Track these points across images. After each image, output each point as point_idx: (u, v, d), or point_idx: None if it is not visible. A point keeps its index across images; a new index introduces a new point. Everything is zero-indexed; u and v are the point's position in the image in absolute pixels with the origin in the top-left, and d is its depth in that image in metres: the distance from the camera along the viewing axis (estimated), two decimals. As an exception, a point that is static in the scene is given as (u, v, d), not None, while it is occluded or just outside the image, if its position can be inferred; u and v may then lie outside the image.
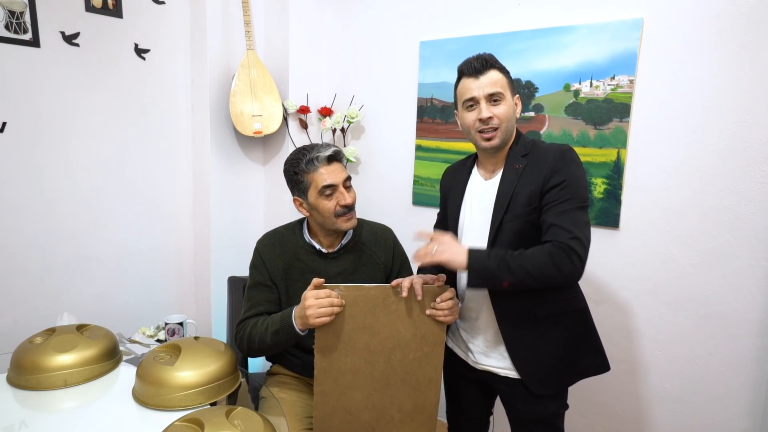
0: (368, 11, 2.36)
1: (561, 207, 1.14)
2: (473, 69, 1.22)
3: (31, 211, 1.98)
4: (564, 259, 1.08)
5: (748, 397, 1.61)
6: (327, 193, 1.36)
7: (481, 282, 1.13)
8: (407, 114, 2.27)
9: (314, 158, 1.36)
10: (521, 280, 1.10)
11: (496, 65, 1.23)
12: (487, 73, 1.20)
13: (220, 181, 2.40)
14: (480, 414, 1.47)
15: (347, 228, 1.40)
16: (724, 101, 1.56)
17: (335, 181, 1.36)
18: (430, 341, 1.24)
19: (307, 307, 1.17)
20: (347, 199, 1.37)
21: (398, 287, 1.20)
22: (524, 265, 1.09)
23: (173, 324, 1.74)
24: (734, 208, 1.57)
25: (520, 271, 1.09)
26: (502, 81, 1.22)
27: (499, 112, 1.20)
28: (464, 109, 1.25)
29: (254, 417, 1.07)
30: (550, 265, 1.09)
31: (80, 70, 2.05)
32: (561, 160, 1.18)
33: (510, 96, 1.23)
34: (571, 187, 1.15)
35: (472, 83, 1.21)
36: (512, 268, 1.09)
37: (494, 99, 1.20)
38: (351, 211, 1.38)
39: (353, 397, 1.25)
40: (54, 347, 1.29)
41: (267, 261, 1.43)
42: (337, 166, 1.38)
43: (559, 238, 1.10)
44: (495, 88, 1.20)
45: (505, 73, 1.24)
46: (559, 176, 1.16)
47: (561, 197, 1.15)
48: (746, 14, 1.51)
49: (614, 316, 1.81)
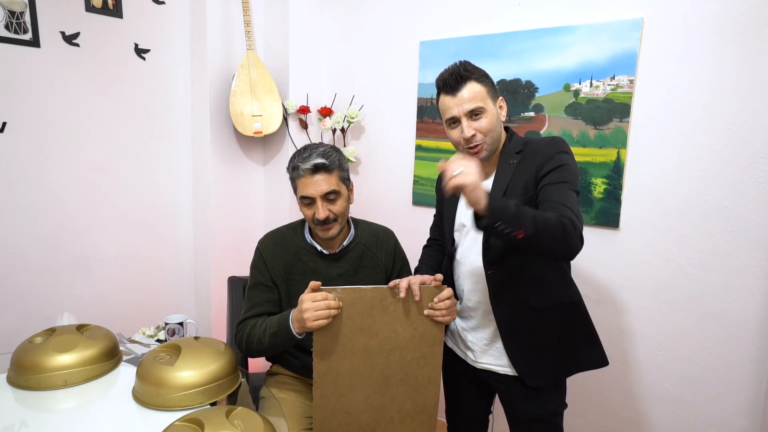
0: (368, 11, 2.36)
1: (558, 187, 1.14)
2: (449, 86, 1.20)
3: (31, 211, 1.98)
4: (571, 230, 1.05)
5: (747, 397, 1.61)
6: (305, 203, 1.37)
7: (497, 223, 1.01)
8: (407, 114, 2.27)
9: (297, 166, 1.35)
10: (535, 233, 1.01)
11: (473, 75, 1.20)
12: (463, 88, 1.18)
13: (220, 181, 2.40)
14: (478, 413, 1.48)
15: (325, 237, 1.39)
16: (724, 101, 1.56)
17: (312, 195, 1.34)
18: (428, 341, 1.24)
19: (304, 310, 1.17)
20: (320, 213, 1.34)
21: (396, 288, 1.20)
22: (539, 219, 1.03)
23: (173, 324, 1.74)
24: (734, 208, 1.57)
25: (535, 223, 1.02)
26: (480, 93, 1.19)
27: (481, 126, 1.19)
28: (448, 127, 1.25)
29: (254, 417, 1.07)
30: (560, 230, 1.04)
31: (80, 70, 2.05)
32: (554, 148, 1.19)
33: (492, 104, 1.21)
34: (566, 171, 1.17)
35: (450, 101, 1.20)
36: (530, 217, 1.02)
37: (475, 114, 1.19)
38: (327, 223, 1.36)
39: (353, 399, 1.25)
40: (54, 347, 1.29)
41: (268, 261, 1.43)
42: (321, 177, 1.33)
43: (565, 213, 1.07)
44: (474, 103, 1.18)
45: (483, 80, 1.21)
46: (553, 162, 1.17)
47: (556, 179, 1.15)
48: (746, 14, 1.51)
49: (614, 316, 1.81)
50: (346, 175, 1.41)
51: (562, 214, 1.06)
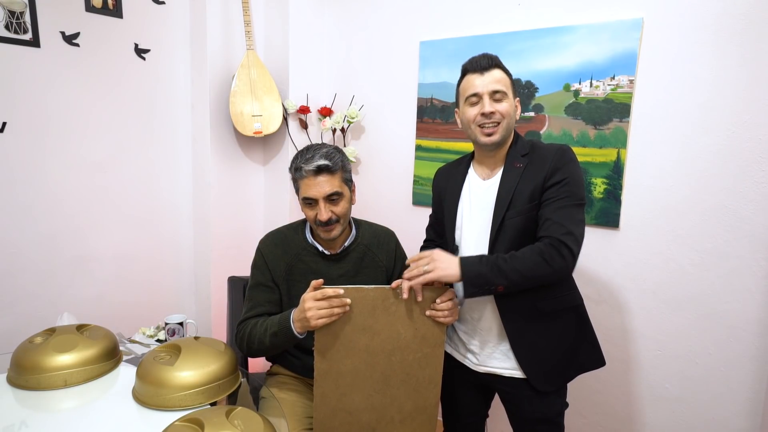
0: (368, 11, 2.36)
1: (558, 203, 1.18)
2: (479, 66, 1.24)
3: (31, 211, 1.98)
4: (555, 255, 1.13)
5: (747, 397, 1.61)
6: (308, 203, 1.36)
7: (477, 290, 1.15)
8: (407, 114, 2.27)
9: (300, 167, 1.34)
10: (515, 282, 1.13)
11: (501, 66, 1.26)
12: (492, 71, 1.24)
13: (220, 181, 2.40)
14: (476, 418, 1.47)
15: (327, 238, 1.39)
16: (724, 101, 1.56)
17: (315, 196, 1.33)
18: (430, 342, 1.24)
19: (307, 309, 1.17)
20: (322, 215, 1.33)
21: (398, 288, 1.20)
22: (516, 267, 1.13)
23: (173, 324, 1.74)
24: (734, 208, 1.57)
25: (513, 273, 1.13)
26: (505, 80, 1.25)
27: (501, 108, 1.23)
28: (466, 105, 1.26)
29: (254, 417, 1.07)
30: (541, 264, 1.13)
31: (80, 70, 2.05)
32: (561, 159, 1.21)
33: (512, 96, 1.26)
34: (570, 185, 1.19)
35: (477, 79, 1.24)
36: (505, 271, 1.13)
37: (497, 96, 1.23)
38: (329, 224, 1.36)
39: (353, 399, 1.25)
40: (54, 347, 1.29)
41: (269, 261, 1.43)
42: (324, 178, 1.33)
43: (553, 233, 1.14)
44: (499, 85, 1.23)
45: (508, 74, 1.27)
46: (559, 174, 1.19)
47: (559, 194, 1.18)
48: (746, 14, 1.51)
49: (614, 316, 1.81)
50: (348, 176, 1.41)
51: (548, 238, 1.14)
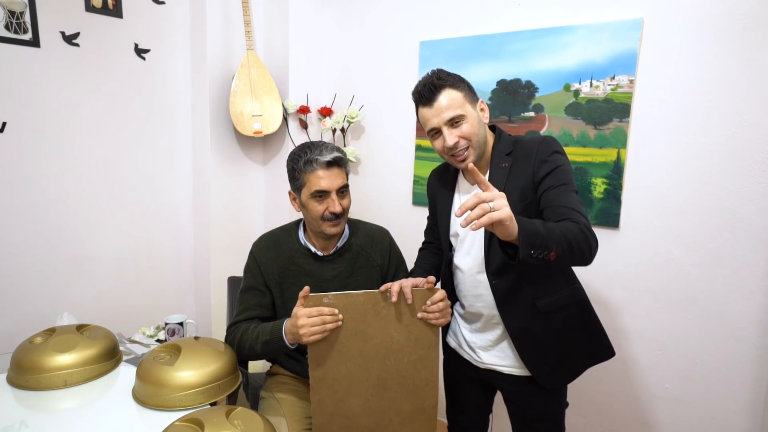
0: (368, 11, 2.36)
1: (561, 190, 1.12)
2: (424, 98, 1.19)
3: (31, 211, 1.98)
4: (591, 238, 1.03)
5: (747, 397, 1.61)
6: (318, 197, 1.35)
7: (533, 250, 0.95)
8: (407, 114, 2.27)
9: (313, 160, 1.33)
10: (565, 251, 0.98)
11: (447, 83, 1.18)
12: (438, 98, 1.17)
13: (220, 181, 2.40)
14: (480, 413, 1.48)
15: (331, 233, 1.38)
16: (724, 101, 1.56)
17: (328, 188, 1.33)
18: (424, 344, 1.23)
19: (300, 326, 1.16)
20: (336, 207, 1.33)
21: (387, 292, 1.19)
22: (567, 235, 0.99)
23: (173, 324, 1.74)
24: (734, 208, 1.57)
25: (564, 240, 0.98)
26: (457, 99, 1.17)
27: (463, 132, 1.17)
28: (430, 137, 1.24)
29: (254, 417, 1.07)
30: (584, 241, 1.01)
31: (80, 70, 2.05)
32: (546, 150, 1.17)
33: (471, 108, 1.20)
34: (563, 172, 1.15)
35: (428, 112, 1.19)
36: (558, 236, 0.97)
37: (454, 121, 1.17)
38: (339, 218, 1.36)
39: (351, 403, 1.24)
40: (54, 347, 1.29)
41: (262, 264, 1.43)
42: (335, 171, 1.34)
43: (579, 220, 1.04)
44: (452, 111, 1.16)
45: (458, 86, 1.19)
46: (548, 165, 1.15)
47: (556, 182, 1.13)
48: (746, 14, 1.51)
49: (614, 316, 1.81)
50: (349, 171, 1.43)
51: (577, 221, 1.04)
